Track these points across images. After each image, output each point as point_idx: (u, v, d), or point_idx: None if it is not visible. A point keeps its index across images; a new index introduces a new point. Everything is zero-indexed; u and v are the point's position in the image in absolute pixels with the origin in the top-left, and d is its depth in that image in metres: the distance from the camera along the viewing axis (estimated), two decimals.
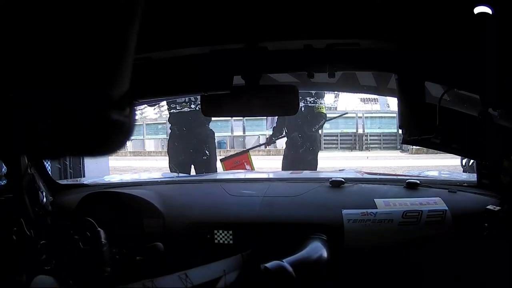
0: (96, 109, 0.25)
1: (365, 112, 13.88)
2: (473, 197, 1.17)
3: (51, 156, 0.32)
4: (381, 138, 13.49)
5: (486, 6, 0.73)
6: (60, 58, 0.23)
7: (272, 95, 1.01)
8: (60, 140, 0.26)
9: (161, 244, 1.17)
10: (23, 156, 1.17)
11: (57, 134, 0.25)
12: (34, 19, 0.22)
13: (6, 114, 0.24)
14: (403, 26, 0.83)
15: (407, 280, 1.08)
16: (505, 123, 0.91)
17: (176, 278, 1.00)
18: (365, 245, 1.10)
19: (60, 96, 0.24)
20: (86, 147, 0.27)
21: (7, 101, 0.23)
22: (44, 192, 1.28)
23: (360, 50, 0.92)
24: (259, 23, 0.84)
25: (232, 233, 1.17)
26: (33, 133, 0.25)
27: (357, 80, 1.34)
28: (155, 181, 1.57)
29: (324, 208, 1.20)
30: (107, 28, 0.24)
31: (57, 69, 0.23)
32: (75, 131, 0.25)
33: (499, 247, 1.00)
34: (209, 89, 0.99)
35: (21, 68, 0.23)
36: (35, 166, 1.27)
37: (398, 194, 1.22)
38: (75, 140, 0.26)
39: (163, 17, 0.76)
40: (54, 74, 0.23)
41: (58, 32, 0.23)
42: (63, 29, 0.23)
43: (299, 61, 0.96)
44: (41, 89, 0.23)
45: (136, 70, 0.27)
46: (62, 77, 0.24)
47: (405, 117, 0.96)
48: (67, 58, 0.23)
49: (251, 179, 1.59)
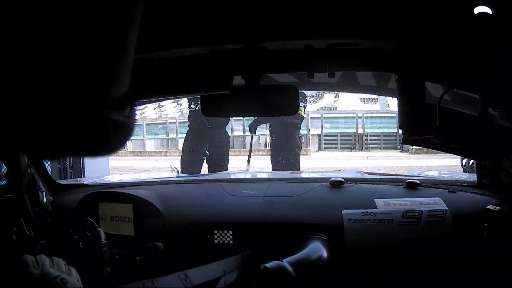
0: (96, 109, 0.25)
1: (365, 112, 13.87)
2: (473, 197, 1.17)
3: (51, 156, 0.32)
4: (381, 138, 13.49)
5: (486, 6, 0.73)
6: (60, 58, 0.23)
7: (272, 95, 1.01)
8: (60, 140, 0.26)
9: (161, 244, 1.17)
10: (23, 156, 1.17)
11: (57, 134, 0.25)
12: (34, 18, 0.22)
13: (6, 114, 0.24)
14: (403, 26, 0.83)
15: (407, 280, 1.08)
16: (505, 123, 0.91)
17: (176, 278, 1.00)
18: (365, 245, 1.10)
19: (60, 96, 0.24)
20: (86, 147, 0.27)
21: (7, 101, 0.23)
22: (44, 192, 1.28)
23: (360, 50, 0.92)
24: (259, 23, 0.84)
25: (232, 233, 1.17)
26: (33, 133, 0.25)
27: (357, 80, 1.34)
28: (155, 181, 1.57)
29: (324, 208, 1.20)
30: (107, 28, 0.24)
31: (57, 69, 0.23)
32: (75, 131, 0.25)
33: (499, 247, 1.00)
34: (209, 89, 0.99)
35: (21, 68, 0.23)
36: (35, 166, 1.27)
37: (398, 194, 1.22)
38: (75, 140, 0.26)
39: (163, 17, 0.76)
40: (54, 74, 0.23)
41: (58, 32, 0.23)
42: (63, 29, 0.23)
43: (299, 61, 0.96)
44: (41, 89, 0.23)
45: (136, 70, 0.27)
46: (62, 77, 0.24)
47: (405, 117, 0.96)
48: (67, 58, 0.23)
49: (251, 179, 1.59)
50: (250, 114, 1.36)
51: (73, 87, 0.24)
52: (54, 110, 0.24)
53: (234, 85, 0.97)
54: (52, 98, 0.24)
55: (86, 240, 1.11)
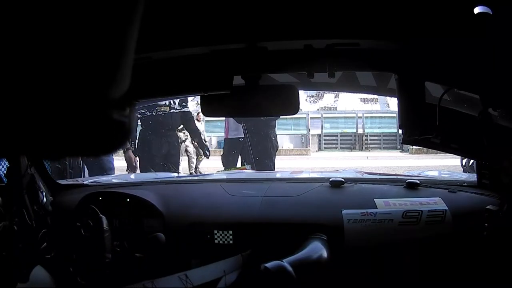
0: (96, 109, 0.25)
1: (365, 112, 13.86)
2: (473, 197, 1.17)
3: (51, 156, 0.32)
4: (381, 138, 13.48)
5: (486, 6, 0.73)
6: (60, 58, 0.23)
7: (272, 95, 1.01)
8: (60, 140, 0.26)
9: (162, 235, 1.17)
10: (23, 156, 1.17)
11: (57, 134, 0.25)
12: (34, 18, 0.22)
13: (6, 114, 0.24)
14: (403, 26, 0.83)
15: (407, 280, 1.08)
16: (505, 123, 0.91)
17: (176, 279, 1.00)
18: (365, 245, 1.10)
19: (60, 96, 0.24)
20: (86, 147, 0.27)
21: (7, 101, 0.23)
22: (44, 192, 1.28)
23: (360, 50, 0.92)
24: (259, 23, 0.84)
25: (232, 233, 1.17)
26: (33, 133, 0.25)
27: (357, 80, 1.34)
28: (155, 181, 1.57)
29: (324, 208, 1.20)
30: (107, 28, 0.24)
31: (57, 69, 0.23)
32: (75, 131, 0.25)
33: (499, 247, 1.00)
34: (209, 89, 0.99)
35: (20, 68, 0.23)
36: (35, 166, 1.27)
37: (398, 194, 1.22)
38: (75, 140, 0.26)
39: (163, 17, 0.76)
40: (54, 74, 0.23)
41: (58, 32, 0.23)
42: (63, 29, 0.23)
43: (299, 61, 0.96)
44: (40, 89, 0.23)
45: (136, 70, 0.27)
46: (62, 77, 0.24)
47: (405, 117, 0.96)
48: (67, 58, 0.23)
49: (251, 179, 1.59)
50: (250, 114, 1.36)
51: (73, 87, 0.24)
52: (53, 110, 0.24)
53: (234, 85, 0.97)
54: (52, 98, 0.24)
55: (88, 228, 1.11)
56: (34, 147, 0.26)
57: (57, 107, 0.24)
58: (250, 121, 3.41)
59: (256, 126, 3.39)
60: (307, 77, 1.00)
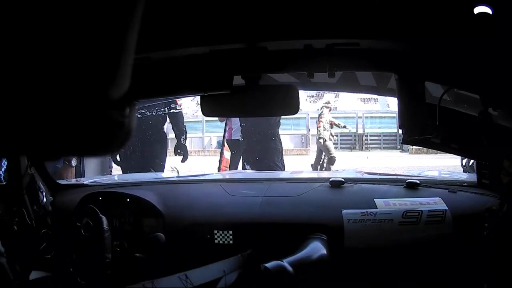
0: (96, 109, 0.25)
1: (365, 112, 13.85)
2: (473, 197, 1.17)
3: (51, 156, 0.32)
4: (381, 138, 13.47)
5: (486, 6, 0.73)
6: (60, 58, 0.23)
7: (272, 95, 1.01)
8: (60, 140, 0.26)
9: (162, 235, 1.17)
10: (23, 156, 1.17)
11: (57, 134, 0.25)
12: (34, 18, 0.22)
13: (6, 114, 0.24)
14: (403, 26, 0.83)
15: (407, 280, 1.08)
16: (505, 123, 0.91)
17: (176, 279, 1.00)
18: (365, 245, 1.10)
19: (60, 96, 0.24)
20: (86, 147, 0.27)
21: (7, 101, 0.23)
22: (44, 192, 1.28)
23: (360, 50, 0.92)
24: (259, 23, 0.84)
25: (232, 233, 1.17)
26: (33, 133, 0.25)
27: (357, 80, 1.34)
28: (155, 181, 1.57)
29: (324, 208, 1.20)
30: (107, 28, 0.24)
31: (57, 69, 0.23)
32: (75, 131, 0.25)
33: (499, 247, 1.00)
34: (209, 89, 0.99)
35: (20, 68, 0.23)
36: (35, 166, 1.27)
37: (398, 194, 1.22)
38: (75, 140, 0.26)
39: (163, 17, 0.76)
40: (54, 74, 0.23)
41: (58, 32, 0.23)
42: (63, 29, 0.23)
43: (299, 61, 0.96)
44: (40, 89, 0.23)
45: (136, 70, 0.27)
46: (62, 77, 0.24)
47: (405, 117, 0.96)
48: (67, 58, 0.23)
49: (251, 179, 1.59)
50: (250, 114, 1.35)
51: (73, 87, 0.24)
52: (53, 110, 0.24)
53: (234, 85, 0.97)
54: (52, 98, 0.24)
55: (88, 227, 1.11)
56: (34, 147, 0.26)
57: (57, 107, 0.24)
58: (250, 121, 3.39)
59: (256, 126, 3.38)
60: (307, 77, 1.00)
